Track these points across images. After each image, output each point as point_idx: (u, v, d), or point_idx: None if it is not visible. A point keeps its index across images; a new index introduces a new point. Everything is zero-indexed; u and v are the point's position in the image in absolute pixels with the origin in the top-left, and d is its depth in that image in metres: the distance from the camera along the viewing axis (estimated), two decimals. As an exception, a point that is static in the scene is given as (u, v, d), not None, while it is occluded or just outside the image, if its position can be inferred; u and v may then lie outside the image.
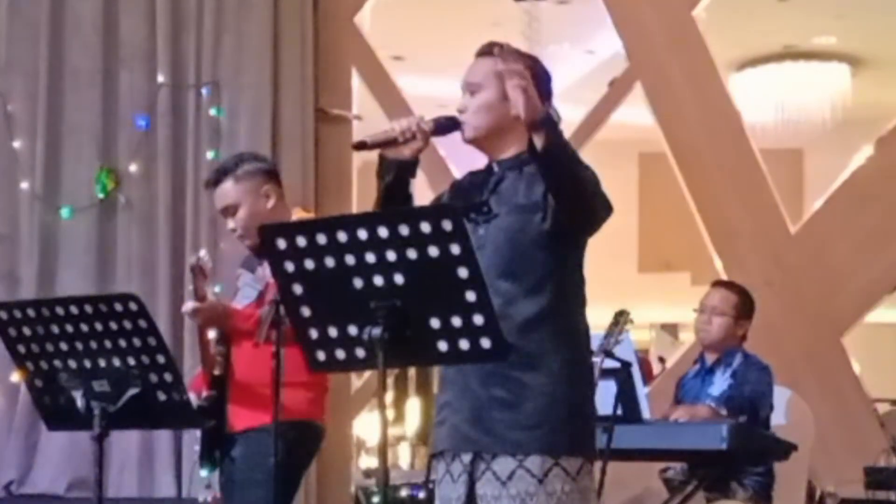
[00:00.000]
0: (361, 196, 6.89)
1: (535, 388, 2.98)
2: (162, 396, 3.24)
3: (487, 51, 3.14)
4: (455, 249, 2.60)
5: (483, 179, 3.17)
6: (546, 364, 3.00)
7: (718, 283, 5.24)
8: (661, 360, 10.96)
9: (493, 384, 2.99)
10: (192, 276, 3.97)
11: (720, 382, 4.87)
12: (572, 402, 3.02)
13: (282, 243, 2.72)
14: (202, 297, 3.92)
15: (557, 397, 2.99)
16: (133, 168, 6.59)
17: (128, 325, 3.17)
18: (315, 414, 4.02)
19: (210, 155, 6.52)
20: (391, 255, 2.63)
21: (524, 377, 2.98)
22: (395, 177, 3.04)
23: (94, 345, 3.21)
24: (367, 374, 6.56)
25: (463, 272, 2.61)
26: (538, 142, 2.91)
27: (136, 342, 3.19)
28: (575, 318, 3.10)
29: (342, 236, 2.66)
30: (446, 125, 3.10)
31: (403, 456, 9.91)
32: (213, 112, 6.58)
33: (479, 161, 3.25)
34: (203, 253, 4.01)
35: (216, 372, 4.01)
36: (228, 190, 4.05)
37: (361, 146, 3.05)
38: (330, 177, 6.80)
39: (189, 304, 3.94)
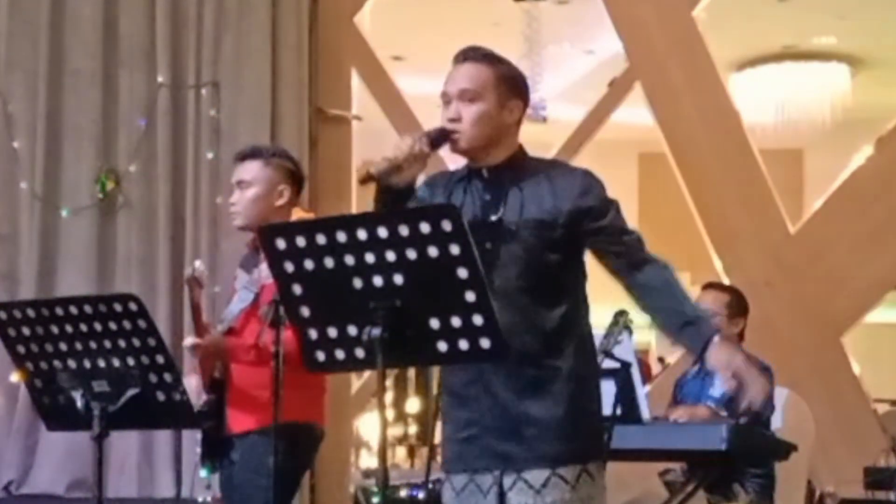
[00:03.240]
0: (360, 196, 6.89)
1: (566, 398, 3.00)
2: (161, 397, 3.25)
3: (477, 56, 3.11)
4: (455, 250, 2.60)
5: (470, 186, 3.12)
6: (572, 373, 3.02)
7: (708, 286, 5.21)
8: (661, 360, 10.95)
9: (526, 398, 3.00)
10: (189, 288, 3.96)
11: (721, 384, 4.86)
12: (594, 407, 3.10)
13: (281, 243, 2.72)
14: (202, 330, 3.92)
15: (585, 405, 3.03)
16: (133, 168, 6.58)
17: (127, 325, 3.18)
18: (313, 416, 4.02)
19: (210, 155, 6.52)
20: (391, 256, 2.63)
21: (555, 389, 3.00)
22: (396, 205, 3.00)
23: (93, 345, 3.21)
24: (367, 374, 6.55)
25: (462, 272, 2.61)
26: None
27: (136, 342, 3.19)
28: (587, 324, 3.14)
29: (341, 236, 2.66)
30: (438, 138, 3.06)
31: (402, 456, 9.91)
32: (212, 112, 6.58)
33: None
34: (198, 263, 4.00)
35: (215, 375, 4.01)
36: (253, 167, 4.08)
37: (369, 178, 2.98)
38: (329, 177, 6.80)
39: (189, 340, 3.93)
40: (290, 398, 3.69)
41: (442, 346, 2.67)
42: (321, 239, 2.68)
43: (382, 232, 2.63)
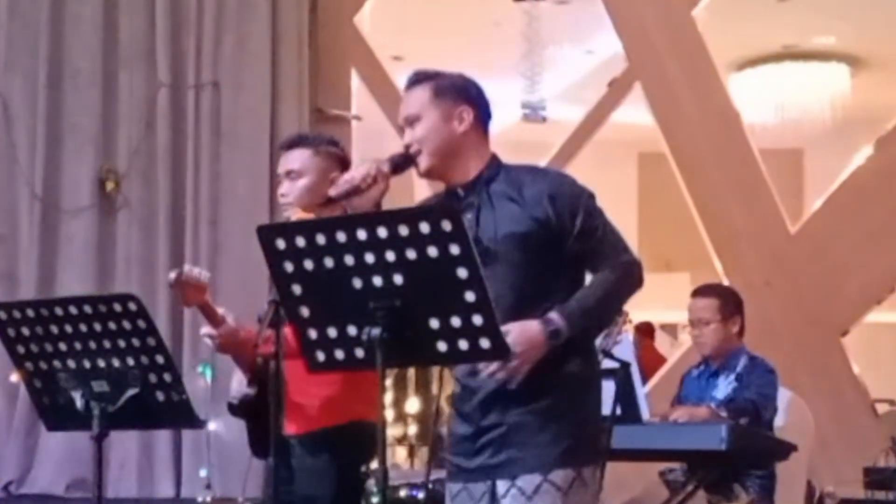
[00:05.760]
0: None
1: (555, 404, 2.97)
2: (161, 397, 3.24)
3: (416, 80, 3.13)
4: (454, 250, 2.60)
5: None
6: (563, 377, 2.98)
7: (696, 293, 5.12)
8: (661, 360, 10.95)
9: (515, 407, 2.98)
10: (181, 294, 3.66)
11: (724, 386, 4.85)
12: (587, 411, 3.04)
13: (281, 243, 2.72)
14: (218, 321, 3.76)
15: (576, 409, 2.99)
16: (133, 168, 6.59)
17: (127, 325, 3.17)
18: (360, 412, 3.68)
19: (210, 155, 6.53)
20: (390, 256, 2.63)
21: (544, 395, 2.97)
22: None
23: (93, 345, 3.21)
24: (367, 374, 6.54)
25: (462, 272, 2.60)
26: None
27: (136, 342, 3.19)
28: None
29: (341, 236, 2.66)
30: (402, 162, 3.07)
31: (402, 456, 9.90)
32: (212, 112, 6.58)
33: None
34: (187, 268, 3.68)
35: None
36: (302, 156, 3.91)
37: (328, 201, 3.02)
38: (329, 177, 6.80)
39: (205, 330, 3.75)
40: (337, 396, 3.58)
41: (442, 346, 2.67)
42: (321, 239, 2.68)
43: (382, 232, 2.63)
